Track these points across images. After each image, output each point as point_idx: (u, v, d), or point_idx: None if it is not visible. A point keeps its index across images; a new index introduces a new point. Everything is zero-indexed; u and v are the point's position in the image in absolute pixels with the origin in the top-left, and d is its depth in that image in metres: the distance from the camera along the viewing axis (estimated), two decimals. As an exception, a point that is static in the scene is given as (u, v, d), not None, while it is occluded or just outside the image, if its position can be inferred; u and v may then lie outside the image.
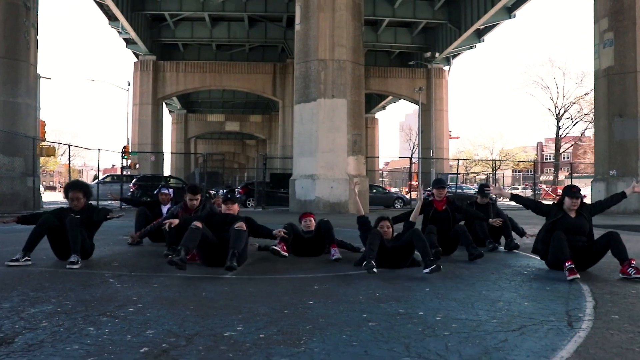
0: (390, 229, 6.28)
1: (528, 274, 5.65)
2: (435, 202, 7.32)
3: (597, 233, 5.95)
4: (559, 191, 36.97)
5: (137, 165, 35.25)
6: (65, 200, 6.60)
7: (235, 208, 6.36)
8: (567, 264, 5.30)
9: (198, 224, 5.59)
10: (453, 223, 7.25)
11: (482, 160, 62.82)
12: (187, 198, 7.18)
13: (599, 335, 3.21)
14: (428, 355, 2.75)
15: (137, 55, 42.29)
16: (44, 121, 21.23)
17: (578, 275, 5.17)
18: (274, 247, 6.32)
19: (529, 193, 46.27)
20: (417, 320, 3.53)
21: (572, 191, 5.95)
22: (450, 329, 3.29)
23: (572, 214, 5.92)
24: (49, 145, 21.67)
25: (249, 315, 3.64)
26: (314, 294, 4.42)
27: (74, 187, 6.43)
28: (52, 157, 22.74)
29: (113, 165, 51.76)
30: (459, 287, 4.87)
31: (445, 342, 3.01)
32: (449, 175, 37.01)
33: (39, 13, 19.54)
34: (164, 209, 8.48)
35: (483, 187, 8.50)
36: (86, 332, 3.13)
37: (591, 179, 22.47)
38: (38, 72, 19.83)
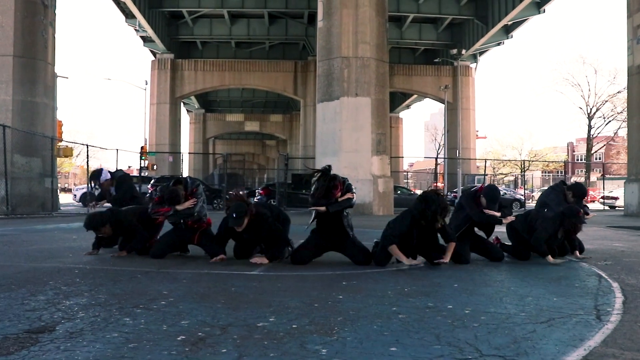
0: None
1: (556, 272, 5.63)
2: None
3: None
4: (592, 193, 35.83)
5: (155, 167, 34.62)
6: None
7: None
8: None
9: None
10: None
11: (510, 160, 60.94)
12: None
13: (627, 328, 3.21)
14: (458, 344, 2.79)
15: (154, 54, 41.98)
16: (61, 121, 21.11)
17: None
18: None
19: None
20: (446, 313, 3.56)
21: None
22: (479, 321, 3.32)
23: None
24: (66, 146, 21.44)
25: (280, 308, 3.70)
26: (342, 289, 4.47)
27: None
28: (68, 157, 22.65)
29: (129, 167, 51.16)
30: (487, 283, 4.91)
31: (475, 332, 3.04)
32: (476, 177, 36.09)
33: (56, 11, 19.37)
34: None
35: None
36: (123, 322, 3.23)
37: (624, 181, 21.66)
38: (55, 71, 19.65)
